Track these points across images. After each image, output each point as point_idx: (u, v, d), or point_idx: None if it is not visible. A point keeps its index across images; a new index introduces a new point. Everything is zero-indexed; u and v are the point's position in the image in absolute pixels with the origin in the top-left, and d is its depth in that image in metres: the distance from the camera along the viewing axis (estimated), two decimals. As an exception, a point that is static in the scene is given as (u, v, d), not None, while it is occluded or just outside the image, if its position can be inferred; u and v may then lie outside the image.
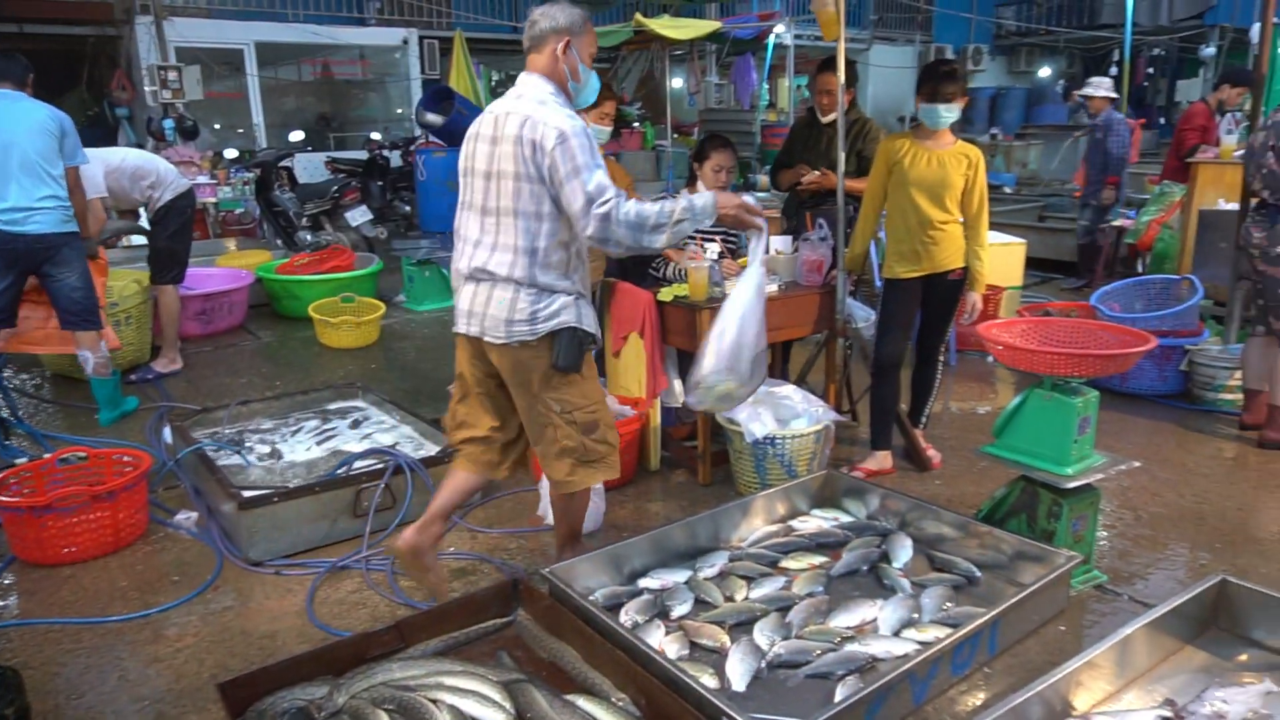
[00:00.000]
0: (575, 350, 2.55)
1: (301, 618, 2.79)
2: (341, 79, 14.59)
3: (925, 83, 3.53)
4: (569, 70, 2.56)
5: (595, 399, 2.66)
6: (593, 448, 2.65)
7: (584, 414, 2.62)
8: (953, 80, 3.49)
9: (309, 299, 6.31)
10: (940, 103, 3.47)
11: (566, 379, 2.58)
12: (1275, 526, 3.34)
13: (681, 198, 2.47)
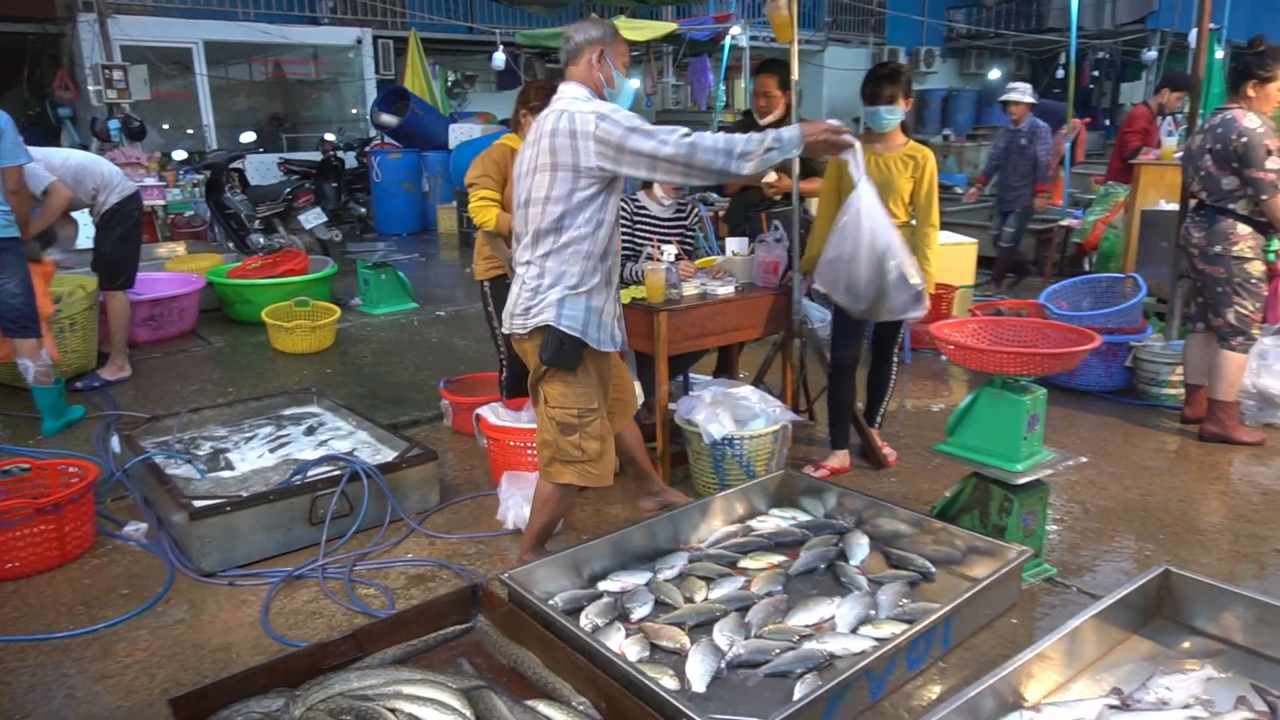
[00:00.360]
0: (554, 348, 2.68)
1: (256, 629, 2.74)
2: (294, 79, 14.37)
3: (866, 86, 3.57)
4: (604, 78, 2.75)
5: (576, 404, 2.76)
6: (566, 448, 2.78)
7: (561, 413, 2.76)
8: (893, 82, 3.51)
9: (262, 303, 6.21)
10: (881, 105, 3.50)
11: (553, 374, 2.75)
12: (1215, 517, 3.45)
13: (769, 131, 2.56)
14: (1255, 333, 4.03)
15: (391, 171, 11.17)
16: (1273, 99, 3.88)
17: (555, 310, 2.67)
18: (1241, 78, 3.92)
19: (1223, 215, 3.95)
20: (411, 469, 3.51)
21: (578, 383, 2.76)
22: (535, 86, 3.81)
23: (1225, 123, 3.88)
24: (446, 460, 4.08)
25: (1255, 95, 3.87)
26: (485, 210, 3.72)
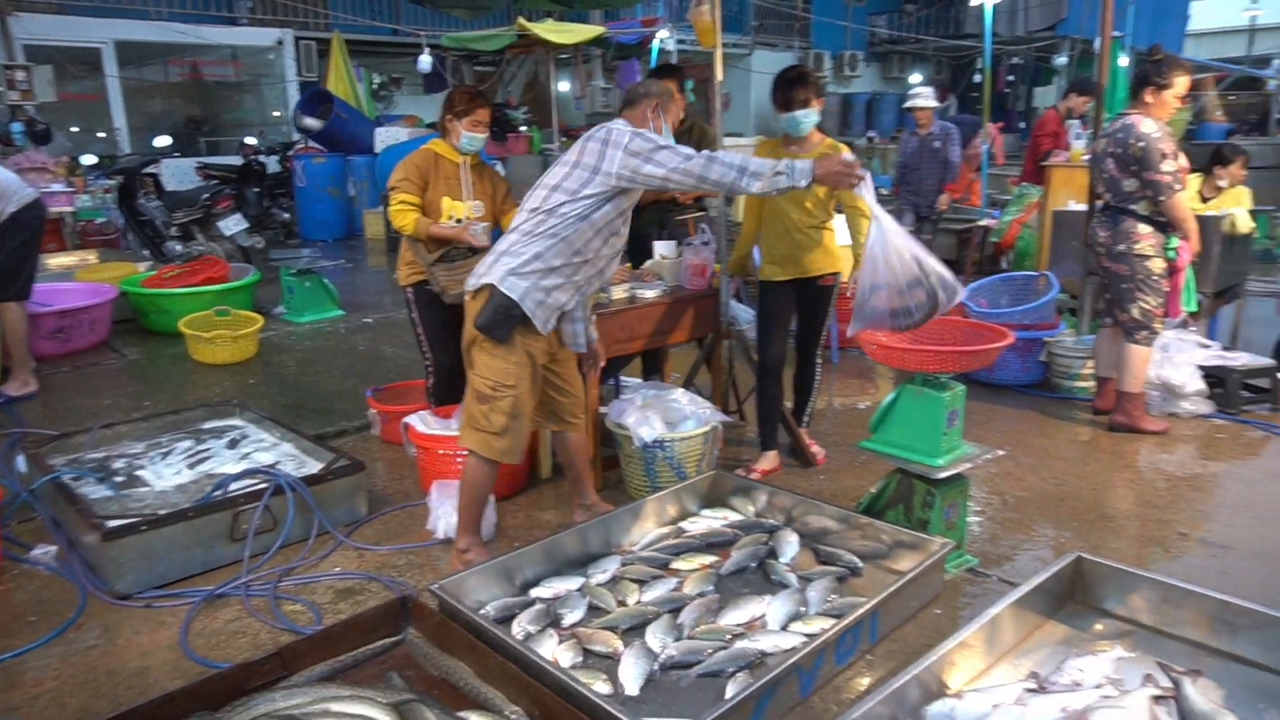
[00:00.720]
0: (489, 313, 2.82)
1: (175, 651, 2.65)
2: (212, 80, 13.96)
3: (776, 93, 3.59)
4: (653, 126, 2.98)
5: (494, 376, 2.90)
6: (476, 415, 2.95)
7: (480, 381, 2.93)
8: (803, 85, 3.54)
9: (179, 313, 6.00)
10: (796, 109, 3.54)
11: (482, 342, 2.89)
12: (1124, 504, 3.60)
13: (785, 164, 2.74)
14: (1158, 327, 4.23)
15: (316, 176, 10.92)
16: (1168, 105, 4.07)
17: (502, 274, 2.82)
18: (1140, 84, 4.11)
19: (1125, 216, 4.14)
20: (338, 480, 3.44)
21: (501, 357, 2.89)
22: (460, 92, 3.78)
23: (1125, 128, 4.06)
24: (375, 470, 4.01)
25: (1153, 101, 4.06)
26: (404, 214, 3.68)
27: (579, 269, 2.90)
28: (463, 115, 3.69)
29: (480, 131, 3.73)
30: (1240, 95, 19.35)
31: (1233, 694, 2.27)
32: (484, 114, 3.73)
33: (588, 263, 2.91)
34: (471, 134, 3.70)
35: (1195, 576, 2.92)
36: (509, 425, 2.94)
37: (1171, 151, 3.97)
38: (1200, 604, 2.52)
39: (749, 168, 2.73)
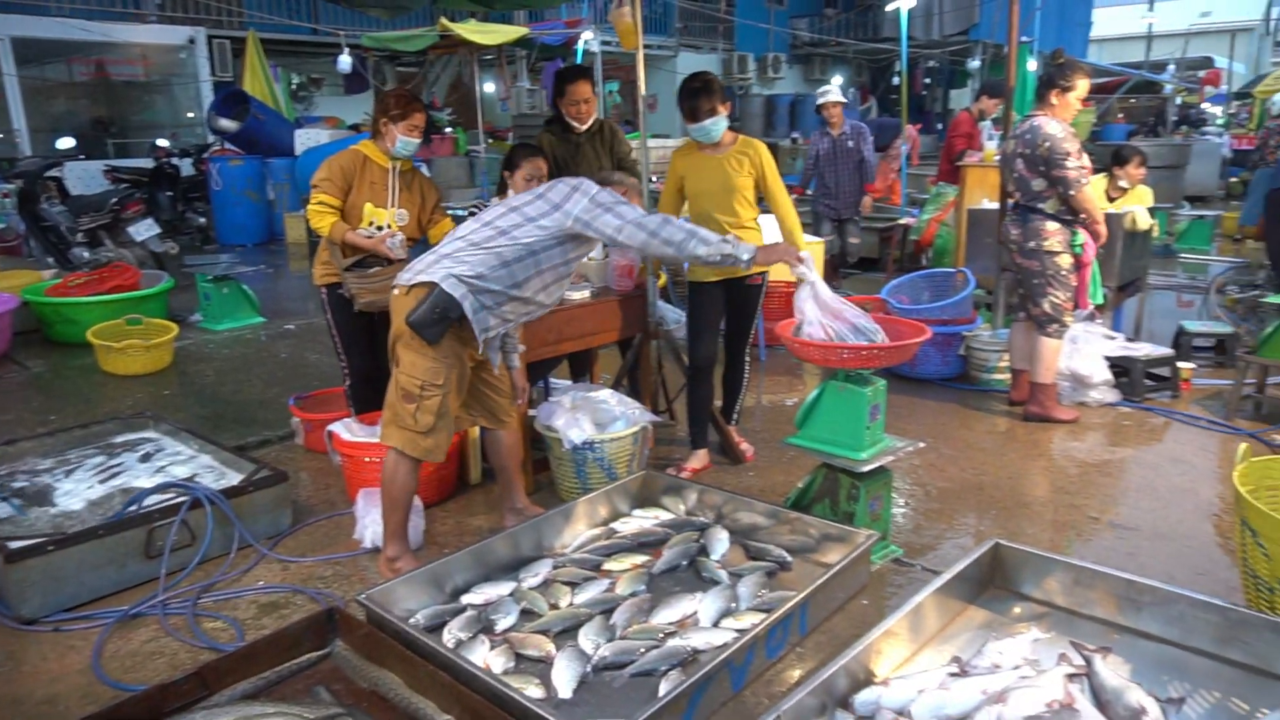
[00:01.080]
0: (428, 314, 2.80)
1: (87, 676, 2.54)
2: (120, 80, 13.39)
3: (682, 104, 3.62)
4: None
5: (423, 375, 2.88)
6: (401, 413, 2.92)
7: (407, 380, 2.90)
8: (705, 95, 3.56)
9: (87, 323, 5.75)
10: (704, 119, 3.58)
11: (411, 340, 2.86)
12: (1039, 491, 3.74)
13: (731, 239, 2.95)
14: (1068, 320, 4.41)
15: (233, 179, 10.60)
16: (1072, 106, 4.25)
17: (445, 274, 2.84)
18: (1046, 87, 4.29)
19: (1034, 214, 4.30)
20: (260, 492, 3.35)
21: (431, 356, 2.88)
22: (396, 95, 3.69)
23: (1032, 129, 4.23)
24: (299, 481, 3.91)
25: (1058, 103, 4.24)
26: (321, 216, 3.58)
27: (508, 301, 2.94)
28: (399, 119, 3.59)
29: (416, 136, 3.65)
30: (1139, 99, 20.30)
31: (1140, 668, 2.39)
32: (421, 119, 3.65)
33: (519, 300, 2.96)
34: (408, 139, 3.62)
35: (1105, 558, 3.06)
36: (435, 424, 2.92)
37: (1076, 150, 4.14)
38: (1109, 584, 2.64)
39: (698, 234, 2.92)
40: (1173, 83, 19.38)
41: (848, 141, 6.95)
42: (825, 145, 7.09)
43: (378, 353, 3.93)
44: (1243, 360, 4.52)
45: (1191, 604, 2.49)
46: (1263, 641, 2.36)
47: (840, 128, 6.94)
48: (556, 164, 4.26)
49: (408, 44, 9.36)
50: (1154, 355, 4.82)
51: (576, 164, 4.25)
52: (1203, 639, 2.46)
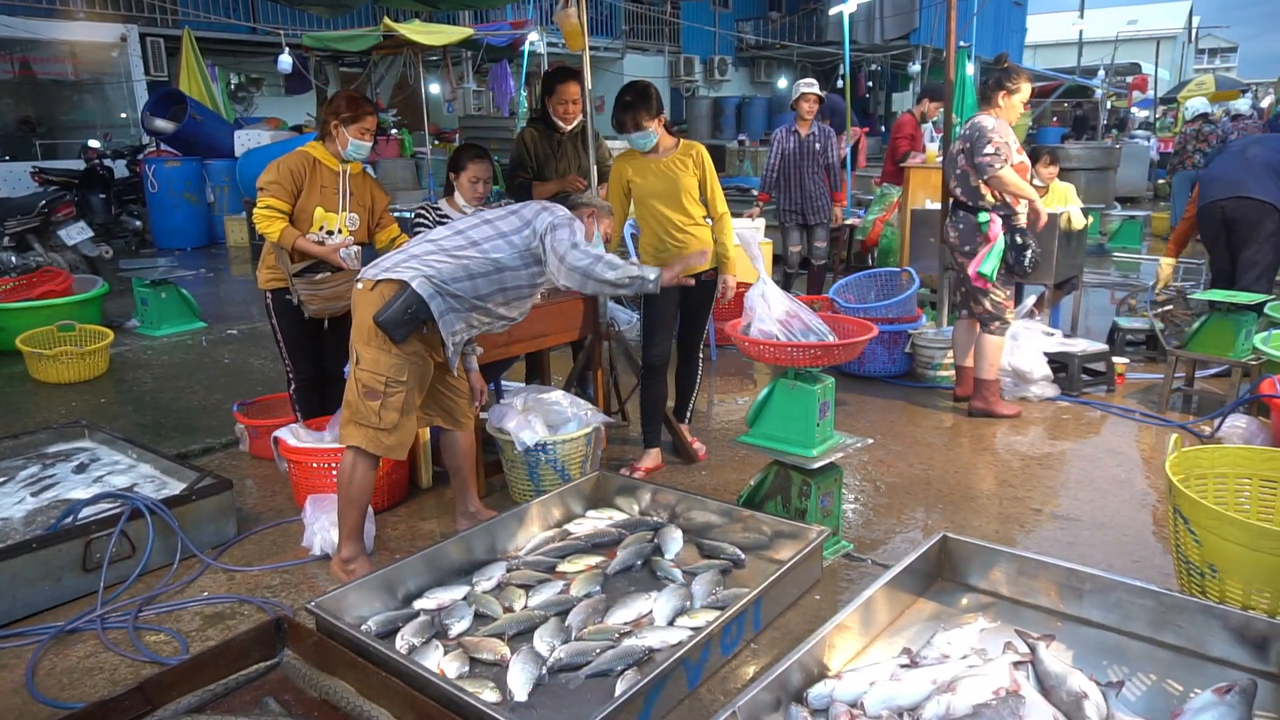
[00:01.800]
0: (400, 313, 2.80)
1: (21, 695, 2.44)
2: (47, 79, 12.91)
3: (614, 116, 3.68)
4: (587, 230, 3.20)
5: (387, 372, 2.87)
6: (364, 412, 2.90)
7: (370, 377, 2.88)
8: (631, 110, 3.60)
9: (16, 330, 5.54)
10: (630, 132, 3.63)
11: (375, 338, 2.85)
12: (985, 485, 3.83)
13: (635, 264, 3.10)
14: (1009, 317, 4.52)
15: (169, 181, 10.31)
16: (1015, 108, 4.38)
17: (415, 274, 2.84)
18: (993, 89, 4.41)
19: (972, 214, 4.41)
20: (203, 500, 3.26)
21: (394, 353, 2.87)
22: (347, 98, 3.62)
23: (973, 126, 4.34)
24: (245, 488, 3.82)
25: (1004, 105, 4.37)
26: (269, 221, 3.50)
27: (474, 310, 2.97)
28: (350, 122, 3.53)
29: (368, 140, 3.59)
30: (1071, 103, 20.95)
31: (1081, 654, 2.47)
32: (372, 121, 3.59)
33: (483, 311, 2.99)
34: (359, 142, 3.56)
35: (1047, 548, 3.15)
36: (399, 421, 2.92)
37: (1001, 142, 4.25)
38: (1052, 573, 2.71)
39: (615, 263, 2.99)
40: (1103, 88, 20.04)
41: (815, 143, 6.46)
42: (792, 145, 6.50)
43: (324, 358, 3.86)
44: (1173, 355, 4.69)
45: (1129, 590, 2.57)
46: (1195, 625, 2.45)
47: (809, 128, 6.47)
48: (537, 161, 4.26)
49: (351, 44, 9.20)
50: (1090, 350, 4.98)
51: (557, 161, 4.27)
52: (1139, 624, 2.54)
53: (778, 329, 3.02)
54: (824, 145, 6.49)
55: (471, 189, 3.87)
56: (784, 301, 3.08)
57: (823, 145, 6.49)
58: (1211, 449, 2.98)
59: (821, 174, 6.52)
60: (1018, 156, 4.36)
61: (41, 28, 11.23)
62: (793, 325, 3.03)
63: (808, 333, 3.04)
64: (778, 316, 3.03)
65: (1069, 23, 26.44)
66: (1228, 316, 4.48)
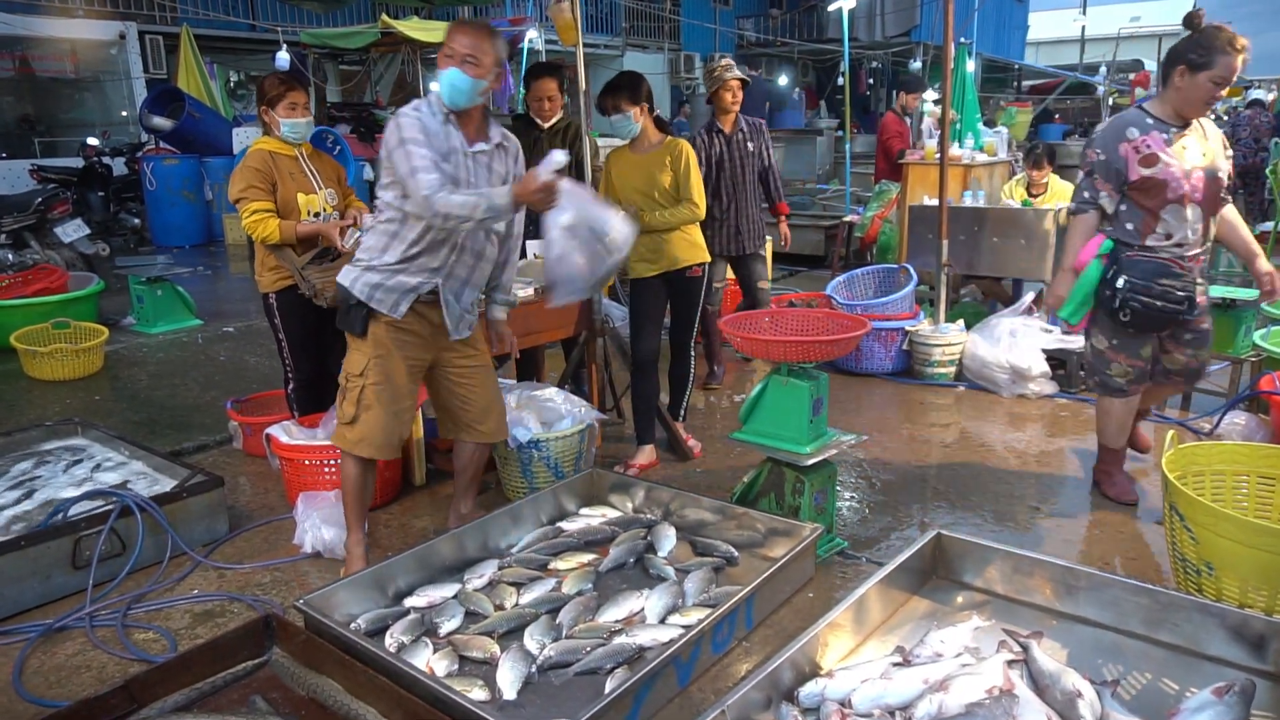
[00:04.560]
0: (342, 310, 2.85)
1: (7, 693, 2.43)
2: (46, 76, 12.90)
3: (596, 103, 3.70)
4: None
5: (349, 368, 2.91)
6: (342, 408, 2.94)
7: (343, 375, 2.94)
8: (610, 93, 3.64)
9: (11, 326, 5.53)
10: (613, 114, 3.64)
11: (347, 337, 2.92)
12: (980, 482, 3.80)
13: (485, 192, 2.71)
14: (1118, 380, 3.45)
15: (167, 179, 10.29)
16: (1199, 91, 3.09)
17: (352, 275, 2.85)
18: (1172, 62, 3.13)
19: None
20: (194, 498, 3.25)
21: (357, 348, 2.89)
22: (270, 79, 3.60)
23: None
24: (237, 486, 3.80)
25: (1182, 85, 3.11)
26: (263, 223, 3.48)
27: (430, 252, 2.78)
28: (276, 102, 3.52)
29: (300, 115, 3.56)
30: (1074, 99, 20.89)
31: (1076, 652, 2.44)
32: (299, 96, 3.55)
33: (441, 244, 2.78)
34: (291, 119, 3.54)
35: (1045, 546, 3.13)
36: (356, 415, 2.89)
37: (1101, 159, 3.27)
38: (1046, 571, 2.69)
39: (453, 196, 2.63)
40: (1105, 84, 19.98)
41: (746, 143, 4.82)
42: (718, 150, 4.79)
43: (324, 357, 3.85)
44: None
45: (1124, 588, 2.55)
46: (1191, 623, 2.42)
47: (736, 124, 4.83)
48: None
49: (348, 41, 9.17)
50: (1089, 348, 4.94)
51: (534, 158, 4.22)
52: (1135, 622, 2.52)
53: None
54: (758, 145, 4.87)
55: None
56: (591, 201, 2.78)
57: (756, 145, 4.85)
58: (1209, 445, 2.96)
59: (758, 184, 4.93)
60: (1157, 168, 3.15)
61: (41, 25, 11.22)
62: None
63: (595, 237, 2.73)
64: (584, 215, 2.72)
65: (1071, 19, 26.39)
66: (1227, 313, 4.44)
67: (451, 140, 2.77)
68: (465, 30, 2.80)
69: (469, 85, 2.74)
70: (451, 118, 2.79)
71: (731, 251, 4.89)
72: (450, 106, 2.77)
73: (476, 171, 2.83)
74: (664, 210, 3.67)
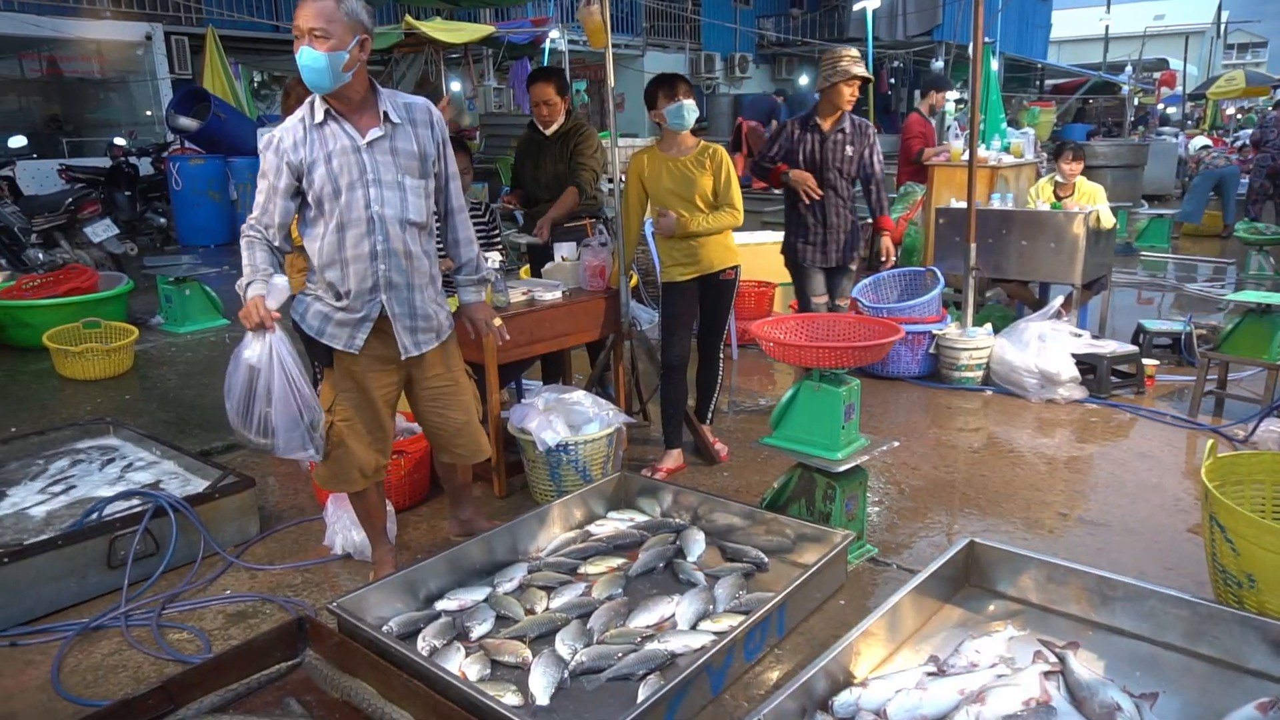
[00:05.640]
0: (308, 342, 2.76)
1: (46, 692, 2.46)
2: (74, 77, 13.06)
3: (661, 88, 3.67)
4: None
5: (324, 405, 2.74)
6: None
7: None
8: (674, 82, 3.65)
9: (43, 326, 5.59)
10: (669, 104, 3.62)
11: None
12: (1010, 488, 3.77)
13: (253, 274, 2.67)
14: None
15: (193, 179, 10.39)
16: None
17: (302, 306, 2.77)
18: None
19: None
20: (225, 498, 3.27)
21: (326, 379, 2.81)
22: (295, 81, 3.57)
23: None
24: (267, 486, 3.83)
25: None
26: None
27: (344, 277, 2.65)
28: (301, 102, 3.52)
29: None
30: (1098, 99, 20.67)
31: (1113, 664, 2.41)
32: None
33: (342, 264, 2.63)
34: None
35: (1076, 554, 3.09)
36: (328, 452, 2.75)
37: None
38: (1081, 581, 2.66)
39: (252, 248, 2.69)
40: (1130, 84, 19.77)
41: (845, 145, 4.32)
42: (809, 148, 4.30)
43: None
44: (1205, 357, 4.60)
45: (1162, 599, 2.52)
46: (1232, 636, 2.39)
47: (838, 123, 4.28)
48: (522, 162, 4.31)
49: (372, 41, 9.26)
50: (1120, 352, 4.89)
51: (540, 164, 4.26)
52: (1174, 634, 2.49)
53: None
54: (860, 149, 4.35)
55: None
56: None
57: (858, 149, 4.35)
58: (1250, 454, 2.91)
59: (850, 190, 4.40)
60: None
61: (69, 26, 11.35)
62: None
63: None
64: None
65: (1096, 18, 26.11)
66: (1263, 318, 4.38)
67: (331, 142, 2.54)
68: (305, 2, 2.47)
69: (325, 62, 2.42)
70: (332, 112, 2.55)
71: (817, 263, 4.44)
72: (319, 94, 2.53)
73: (374, 163, 2.57)
74: (705, 215, 3.65)
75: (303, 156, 2.55)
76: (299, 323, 2.74)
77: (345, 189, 2.57)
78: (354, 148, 2.56)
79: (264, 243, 2.66)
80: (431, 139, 2.70)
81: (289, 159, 2.56)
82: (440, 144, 2.74)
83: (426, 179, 2.71)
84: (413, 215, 2.66)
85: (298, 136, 2.57)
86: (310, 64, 2.45)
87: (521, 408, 3.57)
